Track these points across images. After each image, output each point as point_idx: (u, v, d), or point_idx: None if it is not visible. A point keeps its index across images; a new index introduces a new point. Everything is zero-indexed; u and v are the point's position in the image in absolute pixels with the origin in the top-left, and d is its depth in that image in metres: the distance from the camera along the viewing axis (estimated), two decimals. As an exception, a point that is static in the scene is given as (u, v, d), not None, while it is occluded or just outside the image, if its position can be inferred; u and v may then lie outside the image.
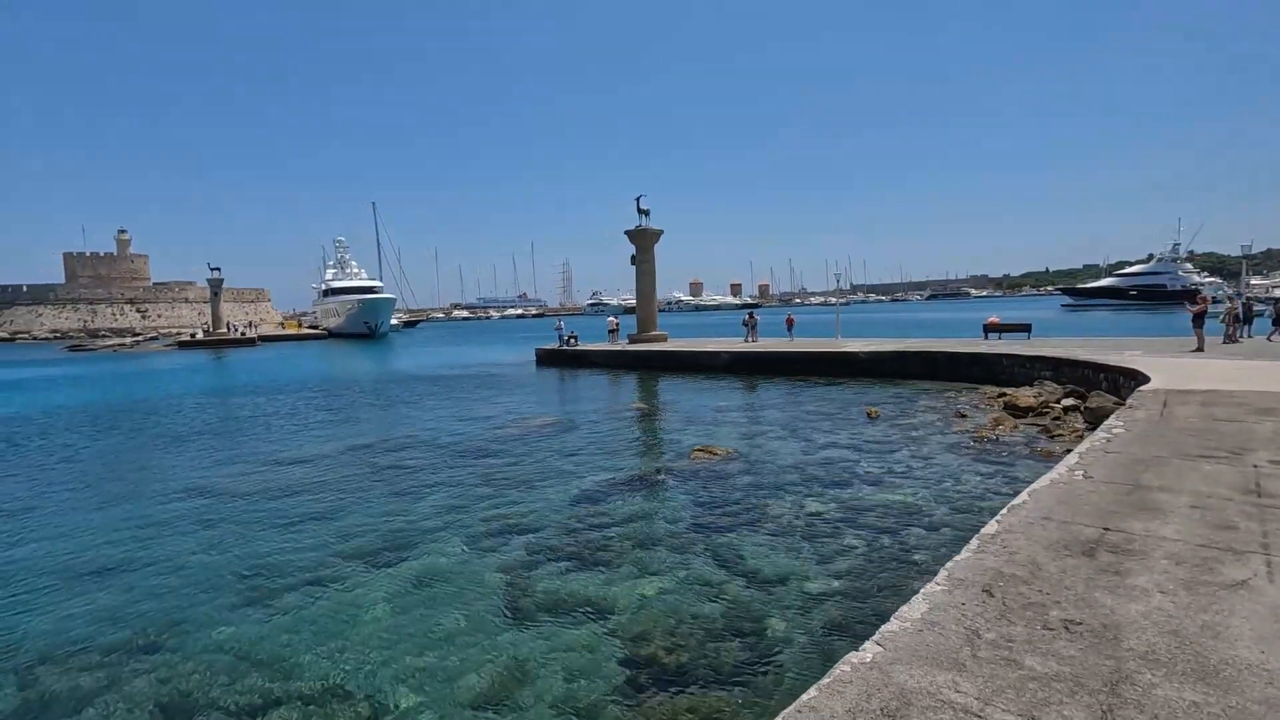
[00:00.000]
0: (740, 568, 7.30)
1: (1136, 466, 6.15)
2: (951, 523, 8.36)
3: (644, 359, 29.74)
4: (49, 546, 9.05)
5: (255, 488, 11.73)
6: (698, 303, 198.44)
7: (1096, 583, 3.73)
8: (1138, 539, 4.37)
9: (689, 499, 9.94)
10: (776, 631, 5.85)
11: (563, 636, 6.01)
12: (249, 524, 9.63)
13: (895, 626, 3.32)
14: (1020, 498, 5.37)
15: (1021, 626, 3.26)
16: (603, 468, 12.12)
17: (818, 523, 8.62)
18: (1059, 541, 4.37)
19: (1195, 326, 17.89)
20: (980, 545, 4.35)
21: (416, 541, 8.56)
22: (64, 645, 6.29)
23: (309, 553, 8.36)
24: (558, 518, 9.30)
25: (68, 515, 10.51)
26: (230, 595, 7.23)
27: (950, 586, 3.75)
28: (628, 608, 6.47)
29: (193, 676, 5.67)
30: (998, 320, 28.41)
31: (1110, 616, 3.34)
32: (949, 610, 3.46)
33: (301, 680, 5.52)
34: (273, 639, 6.22)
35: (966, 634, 3.21)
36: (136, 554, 8.63)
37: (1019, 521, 4.78)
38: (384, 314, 79.26)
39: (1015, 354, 20.00)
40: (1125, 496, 5.27)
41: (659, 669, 5.41)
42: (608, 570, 7.39)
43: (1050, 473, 6.11)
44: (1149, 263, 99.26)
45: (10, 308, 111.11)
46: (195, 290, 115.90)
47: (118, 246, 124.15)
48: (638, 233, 34.61)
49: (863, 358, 23.20)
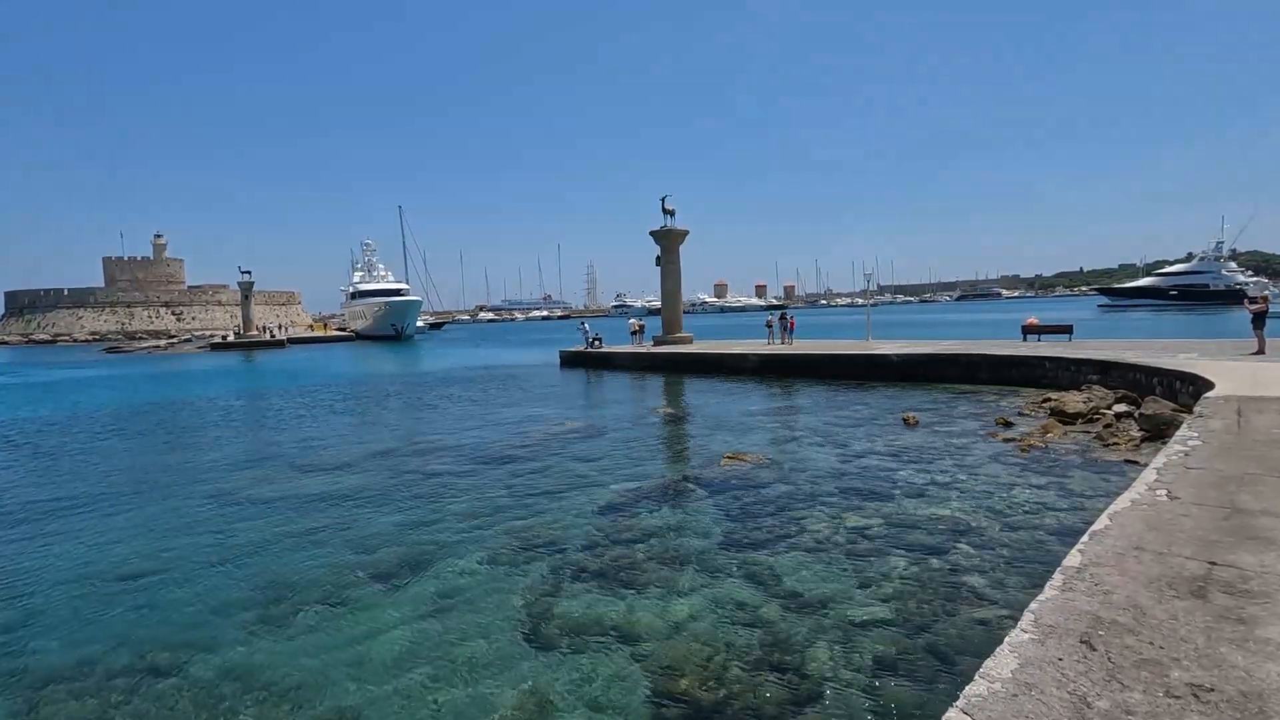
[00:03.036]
0: (777, 589, 6.76)
1: (1228, 485, 5.49)
2: (1005, 540, 7.71)
3: (669, 361, 29.21)
4: (66, 554, 8.84)
5: (276, 494, 11.47)
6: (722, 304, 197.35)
7: (1219, 634, 3.15)
8: (1254, 577, 3.76)
9: (720, 511, 9.41)
10: (821, 666, 5.30)
11: (588, 666, 5.54)
12: (267, 534, 9.32)
13: (984, 689, 2.77)
14: (1101, 522, 4.76)
15: (1140, 693, 2.70)
16: (629, 475, 11.64)
17: (859, 539, 8.04)
18: (1160, 578, 3.78)
19: (1256, 328, 16.81)
20: (1066, 582, 3.77)
21: (436, 557, 8.15)
22: (71, 664, 6.00)
23: (326, 567, 8.00)
24: (582, 531, 8.84)
25: (88, 520, 10.33)
26: (243, 613, 6.88)
27: (1040, 635, 3.19)
28: (657, 634, 5.97)
29: (201, 701, 5.31)
30: (1037, 321, 27.34)
31: (1247, 681, 2.76)
32: (1045, 668, 2.90)
33: (312, 708, 5.13)
34: (284, 663, 5.84)
35: (1073, 702, 2.66)
36: (152, 564, 8.36)
37: (1106, 552, 4.18)
38: (411, 316, 79.84)
39: (1059, 356, 19.08)
40: (1224, 522, 4.63)
41: (692, 705, 4.91)
42: (635, 591, 6.90)
43: (1129, 491, 5.47)
44: (1190, 262, 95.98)
45: (52, 310, 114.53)
46: (228, 293, 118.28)
47: (154, 251, 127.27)
48: (663, 233, 34.13)
49: (895, 360, 22.41)
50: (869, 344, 27.24)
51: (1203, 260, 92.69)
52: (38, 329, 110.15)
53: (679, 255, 34.62)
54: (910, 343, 26.82)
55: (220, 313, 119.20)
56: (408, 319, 78.97)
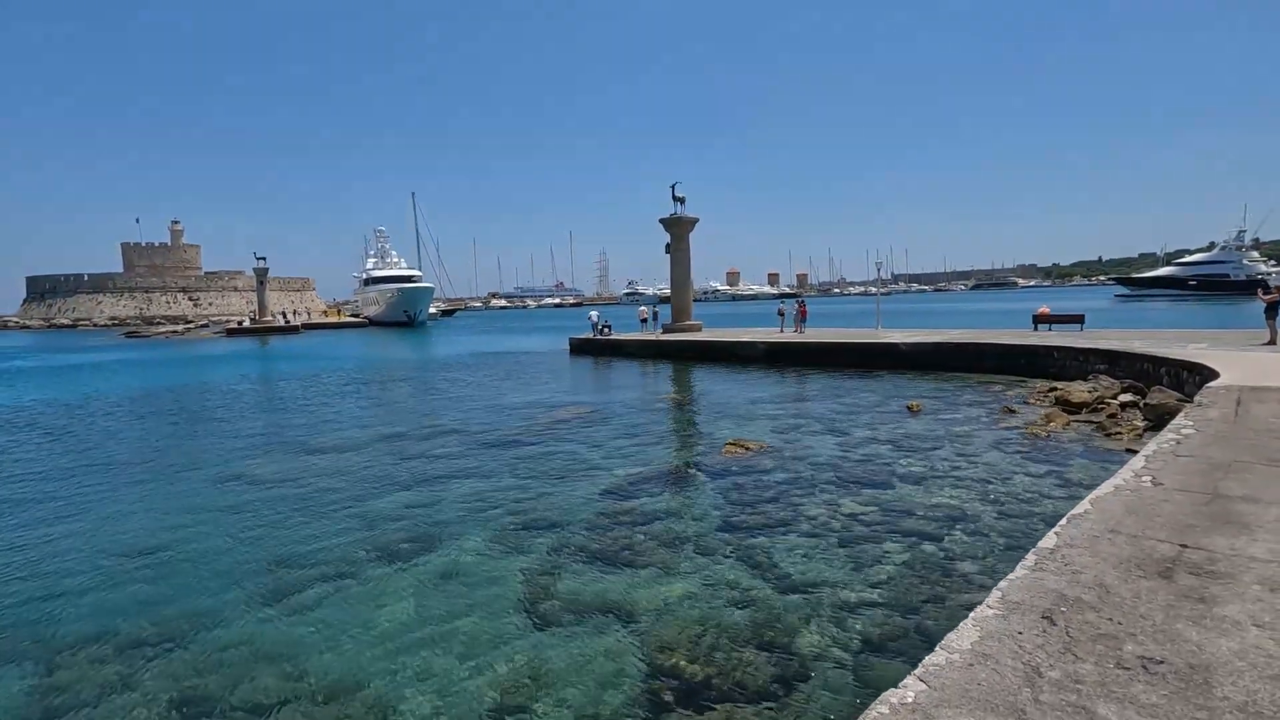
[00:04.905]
0: (771, 572, 6.92)
1: (1214, 473, 5.56)
2: (1000, 529, 7.82)
3: (678, 349, 29.32)
4: (82, 532, 9.16)
5: (287, 474, 11.77)
6: (734, 292, 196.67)
7: (1178, 611, 3.27)
8: (1222, 559, 3.86)
9: (720, 496, 9.57)
10: (809, 646, 5.46)
11: (584, 642, 5.73)
12: (277, 512, 9.61)
13: (942, 659, 2.92)
14: (1082, 506, 4.87)
15: (1091, 664, 2.84)
16: (632, 461, 11.82)
17: (855, 525, 8.17)
18: (1130, 559, 3.89)
19: (1268, 318, 16.67)
20: (1038, 562, 3.90)
21: (440, 536, 8.39)
22: (89, 634, 6.28)
23: (333, 545, 8.26)
24: (584, 513, 9.04)
25: (107, 498, 10.68)
26: (252, 587, 7.15)
27: (1005, 611, 3.33)
28: (652, 613, 6.16)
29: (212, 671, 5.57)
30: (1048, 311, 27.10)
31: (1198, 655, 2.88)
32: (1004, 640, 3.04)
33: (319, 678, 5.38)
34: (293, 635, 6.09)
35: (1026, 671, 2.79)
36: (168, 539, 8.67)
37: (1082, 534, 4.30)
38: (423, 303, 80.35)
39: (1067, 346, 19.00)
40: (1204, 507, 4.73)
41: (683, 681, 5.09)
42: (633, 571, 7.09)
43: (1114, 478, 5.57)
44: (1211, 251, 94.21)
45: (73, 295, 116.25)
46: (243, 279, 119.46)
47: (171, 237, 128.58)
48: (673, 220, 34.11)
49: (904, 349, 22.39)
50: (878, 332, 27.20)
51: (1224, 249, 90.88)
52: (59, 313, 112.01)
53: (689, 242, 34.61)
54: (920, 331, 26.75)
55: (236, 298, 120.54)
56: (420, 306, 79.49)
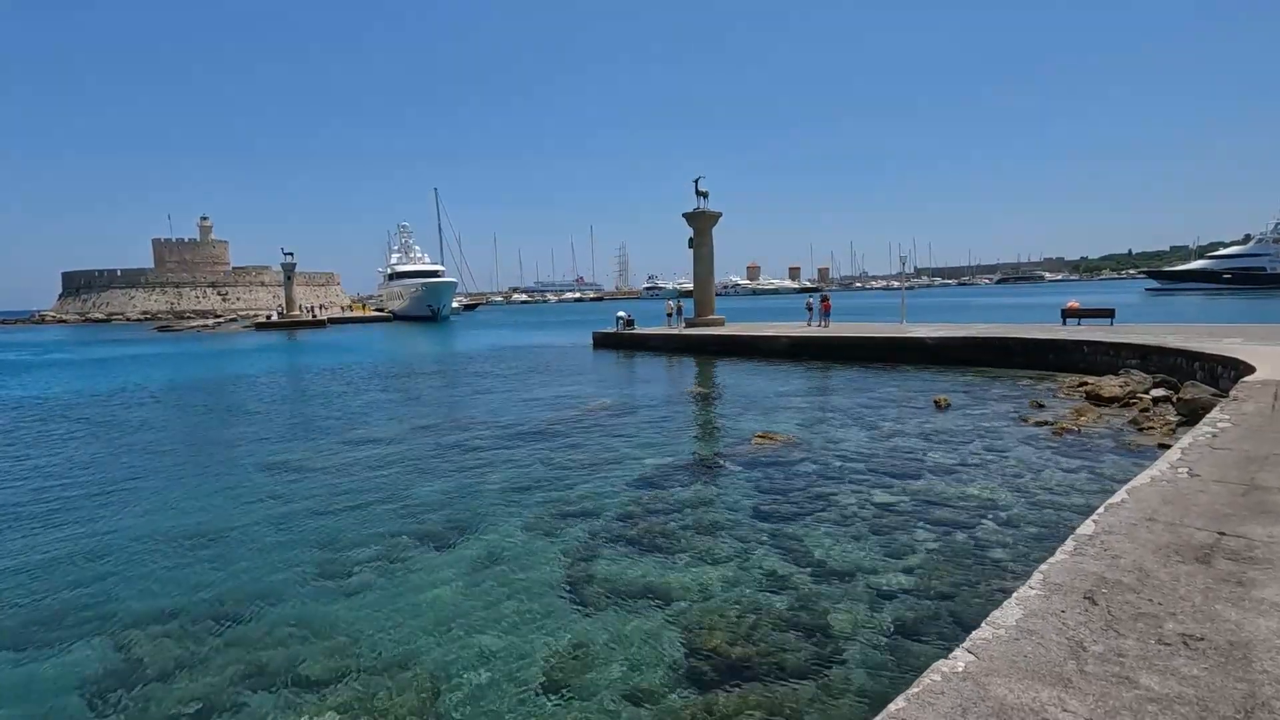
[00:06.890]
0: (805, 559, 7.07)
1: (1250, 465, 5.60)
2: (1031, 519, 7.88)
3: (701, 343, 29.42)
4: (138, 517, 9.58)
5: (326, 464, 12.13)
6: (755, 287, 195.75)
7: (1217, 594, 3.37)
8: (1260, 546, 3.95)
9: (750, 486, 9.72)
10: (844, 628, 5.61)
11: (624, 623, 5.94)
12: (321, 499, 9.95)
13: (988, 633, 3.06)
14: (1118, 495, 4.95)
15: (1133, 640, 2.96)
16: (662, 452, 12.01)
17: (886, 515, 8.28)
18: (1168, 545, 3.99)
19: (1306, 312, 16.38)
20: (1078, 547, 4.01)
21: (479, 523, 8.65)
22: (153, 611, 6.61)
23: (378, 530, 8.55)
24: (617, 502, 9.24)
25: (155, 487, 11.12)
26: (304, 570, 7.45)
27: (1047, 592, 3.46)
28: (690, 596, 6.35)
29: (272, 648, 5.85)
30: (1078, 305, 26.79)
31: (1237, 633, 3.00)
32: (1048, 618, 3.17)
33: (373, 655, 5.63)
34: (345, 615, 6.36)
35: (1070, 645, 2.93)
36: (218, 526, 9.02)
37: (1119, 522, 4.39)
38: (446, 297, 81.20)
39: (1097, 340, 18.81)
40: (1240, 498, 4.79)
41: (722, 660, 5.27)
42: (669, 557, 7.28)
43: (1150, 469, 5.63)
44: (1246, 244, 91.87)
45: (106, 290, 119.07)
46: (270, 274, 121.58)
47: (200, 233, 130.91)
48: (695, 215, 34.15)
49: (930, 344, 22.30)
50: (903, 327, 27.07)
51: (1260, 242, 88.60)
52: (93, 308, 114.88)
53: (711, 237, 34.63)
54: (945, 326, 26.59)
55: (263, 293, 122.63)
56: (443, 300, 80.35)
